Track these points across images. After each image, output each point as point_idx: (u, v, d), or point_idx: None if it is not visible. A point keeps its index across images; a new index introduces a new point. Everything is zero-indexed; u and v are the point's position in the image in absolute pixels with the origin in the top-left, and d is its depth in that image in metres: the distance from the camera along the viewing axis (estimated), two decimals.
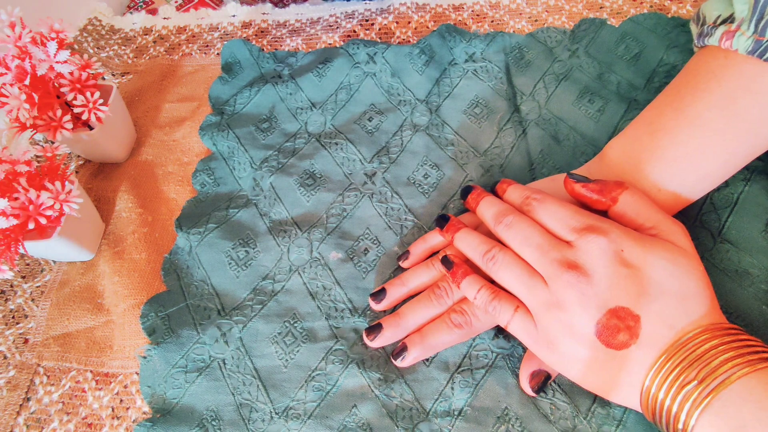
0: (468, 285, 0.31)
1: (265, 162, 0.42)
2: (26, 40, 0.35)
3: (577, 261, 0.27)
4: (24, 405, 0.35)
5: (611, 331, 0.25)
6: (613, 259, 0.26)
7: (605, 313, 0.25)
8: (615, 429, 0.29)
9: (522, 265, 0.29)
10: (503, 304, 0.29)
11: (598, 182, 0.31)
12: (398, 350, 0.32)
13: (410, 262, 0.36)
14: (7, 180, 0.33)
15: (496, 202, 0.33)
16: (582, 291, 0.26)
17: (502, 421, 0.30)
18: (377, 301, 0.34)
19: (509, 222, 0.30)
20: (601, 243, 0.26)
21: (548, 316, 0.27)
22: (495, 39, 0.47)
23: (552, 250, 0.28)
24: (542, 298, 0.27)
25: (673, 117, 0.32)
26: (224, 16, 0.55)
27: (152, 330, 0.35)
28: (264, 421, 0.31)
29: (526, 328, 0.28)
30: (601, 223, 0.28)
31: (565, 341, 0.26)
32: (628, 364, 0.25)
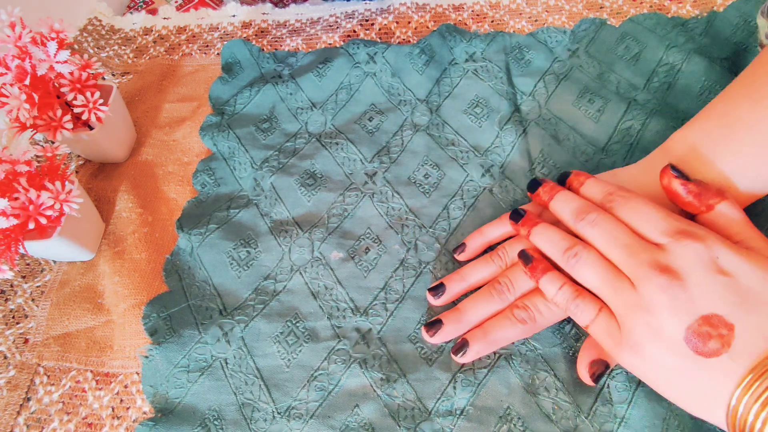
0: (549, 281, 0.30)
1: (265, 162, 0.42)
2: (26, 40, 0.35)
3: (670, 264, 0.25)
4: (24, 405, 0.35)
5: (702, 337, 0.24)
6: (708, 266, 0.25)
7: (697, 319, 0.24)
8: (617, 427, 0.29)
9: (607, 265, 0.28)
10: (587, 303, 0.28)
11: (699, 185, 0.29)
12: (459, 345, 0.31)
13: (466, 255, 0.35)
14: (7, 180, 0.33)
15: (575, 197, 0.31)
16: (674, 295, 0.25)
17: (504, 421, 0.30)
18: (436, 296, 0.34)
19: (593, 219, 0.29)
20: (696, 248, 0.25)
21: (635, 318, 0.26)
22: (495, 39, 0.47)
23: (642, 252, 0.26)
24: (629, 300, 0.26)
25: (749, 109, 0.31)
26: (224, 16, 0.55)
27: (154, 330, 0.35)
28: (266, 421, 0.31)
29: (610, 330, 0.27)
30: (696, 229, 0.27)
31: (652, 346, 0.25)
32: (717, 375, 0.24)
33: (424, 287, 0.35)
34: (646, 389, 0.30)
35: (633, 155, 0.39)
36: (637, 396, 0.30)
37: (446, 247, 0.37)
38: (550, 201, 0.32)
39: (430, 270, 0.36)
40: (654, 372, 0.26)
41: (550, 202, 0.32)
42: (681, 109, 0.41)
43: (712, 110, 0.33)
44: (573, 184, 0.33)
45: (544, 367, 0.31)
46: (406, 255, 0.37)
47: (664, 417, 0.29)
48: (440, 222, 0.38)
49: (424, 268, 0.36)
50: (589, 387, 0.30)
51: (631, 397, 0.30)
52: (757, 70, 0.32)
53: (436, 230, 0.38)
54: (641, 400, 0.29)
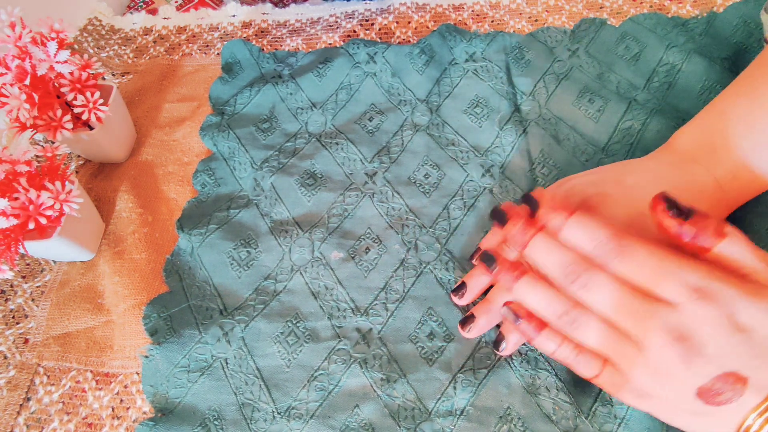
0: (546, 340, 0.27)
1: (265, 162, 0.42)
2: (26, 40, 0.35)
3: (686, 332, 0.23)
4: (24, 405, 0.35)
5: (715, 393, 0.23)
6: (726, 326, 0.23)
7: (712, 379, 0.23)
8: (617, 428, 0.29)
9: (608, 330, 0.25)
10: (590, 358, 0.26)
11: (697, 220, 0.25)
12: (496, 342, 0.31)
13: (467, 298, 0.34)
14: (7, 180, 0.33)
15: (557, 247, 0.26)
16: (691, 361, 0.23)
17: (505, 421, 0.30)
18: (459, 295, 0.33)
19: (586, 283, 0.25)
20: (713, 310, 0.23)
21: (644, 377, 0.24)
22: (495, 39, 0.47)
23: (651, 317, 0.24)
24: (637, 362, 0.24)
25: (747, 106, 0.31)
26: (224, 16, 0.55)
27: (154, 330, 0.35)
28: (266, 421, 0.31)
29: (616, 383, 0.26)
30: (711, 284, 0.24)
31: (662, 395, 0.24)
32: (727, 414, 0.23)
33: (425, 287, 0.35)
34: None
35: (633, 155, 0.39)
36: None
37: (446, 247, 0.37)
38: (526, 249, 0.27)
39: (430, 270, 0.36)
40: (662, 409, 0.25)
41: (526, 250, 0.27)
42: (681, 109, 0.41)
43: (714, 107, 0.33)
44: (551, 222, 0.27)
45: (545, 367, 0.31)
46: (406, 255, 0.37)
47: None
48: (440, 222, 0.38)
49: (424, 268, 0.36)
50: (589, 387, 0.30)
51: None
52: (755, 71, 0.33)
53: (436, 230, 0.38)
54: None
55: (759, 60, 0.33)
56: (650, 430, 0.29)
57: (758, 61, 0.33)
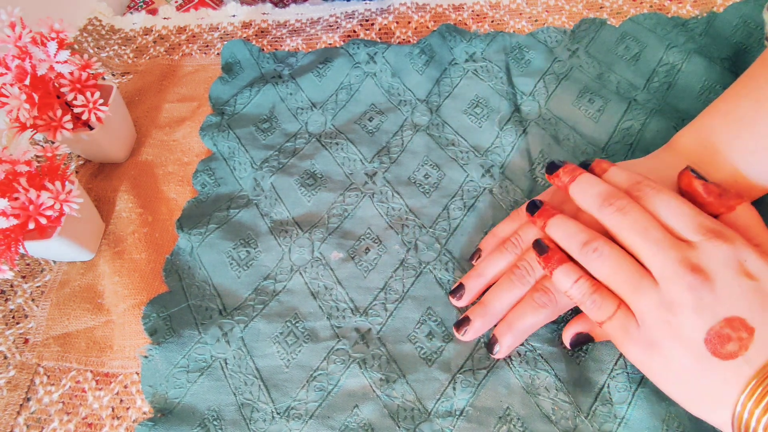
0: (564, 273, 0.28)
1: (265, 162, 0.42)
2: (26, 40, 0.35)
3: (700, 264, 0.25)
4: (24, 405, 0.35)
5: (722, 339, 0.24)
6: (737, 268, 0.25)
7: (720, 321, 0.24)
8: (617, 428, 0.29)
9: (630, 261, 0.27)
10: (605, 299, 0.27)
11: (719, 186, 0.28)
12: (491, 344, 0.31)
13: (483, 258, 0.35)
14: (7, 180, 0.33)
15: (599, 181, 0.29)
16: (701, 296, 0.24)
17: (504, 421, 0.30)
18: (457, 297, 0.34)
19: (623, 206, 0.27)
20: (726, 250, 0.25)
21: (655, 317, 0.25)
22: (495, 39, 0.47)
23: (672, 249, 0.26)
24: (652, 299, 0.26)
25: (752, 108, 0.31)
26: (224, 16, 0.55)
27: (154, 330, 0.35)
28: (265, 421, 0.31)
29: (627, 328, 0.27)
30: (726, 230, 0.26)
31: (669, 345, 0.25)
32: (727, 377, 0.24)
33: (424, 287, 0.35)
34: (646, 390, 0.30)
35: (633, 155, 0.39)
36: (637, 396, 0.30)
37: (446, 247, 0.37)
38: (571, 183, 0.30)
39: (430, 270, 0.36)
40: (664, 370, 0.26)
41: (571, 184, 0.30)
42: (681, 109, 0.41)
43: (716, 109, 0.33)
44: (595, 170, 0.31)
45: (544, 367, 0.31)
46: (406, 255, 0.37)
47: (664, 418, 0.29)
48: (440, 222, 0.38)
49: (424, 268, 0.36)
50: (588, 387, 0.30)
51: (631, 397, 0.30)
52: (758, 70, 0.32)
53: (436, 230, 0.38)
54: (641, 400, 0.29)
55: (761, 60, 0.33)
56: (650, 429, 0.29)
57: (760, 61, 0.33)
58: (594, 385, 0.31)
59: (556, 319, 0.32)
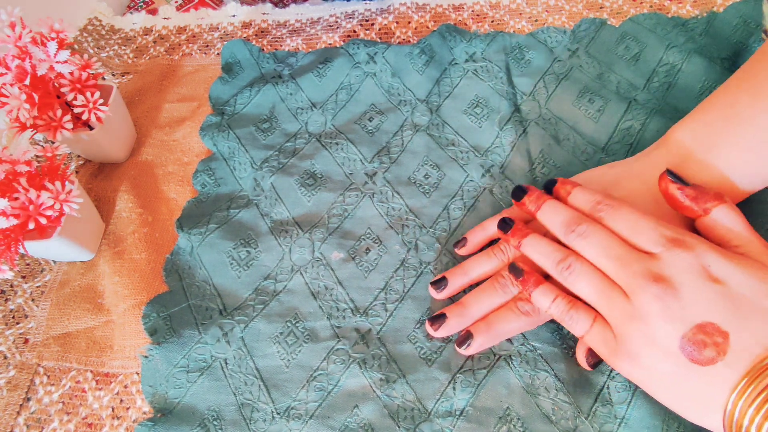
0: (542, 294, 0.30)
1: (265, 162, 0.42)
2: (26, 40, 0.35)
3: (662, 273, 0.25)
4: (24, 405, 0.35)
5: (697, 345, 0.24)
6: (700, 274, 0.25)
7: (692, 328, 0.24)
8: (617, 428, 0.29)
9: (600, 276, 0.28)
10: (581, 314, 0.28)
11: (695, 188, 0.29)
12: (463, 338, 0.32)
13: (468, 249, 0.35)
14: (7, 180, 0.33)
15: (563, 208, 0.31)
16: (667, 304, 0.25)
17: (504, 422, 0.30)
18: (438, 290, 0.34)
19: (583, 231, 0.29)
20: (687, 257, 0.25)
21: (630, 328, 0.26)
22: (495, 39, 0.47)
23: (634, 262, 0.26)
24: (624, 311, 0.26)
25: (750, 103, 0.31)
26: (224, 16, 0.55)
27: (154, 330, 0.35)
28: (265, 421, 0.31)
29: (605, 340, 0.27)
30: (686, 237, 0.27)
31: (647, 354, 0.25)
32: (714, 382, 0.24)
33: (425, 287, 0.35)
34: None
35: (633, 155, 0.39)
36: (637, 396, 0.30)
37: (447, 247, 0.37)
38: (537, 211, 0.32)
39: (430, 270, 0.36)
40: (650, 379, 0.26)
41: (537, 212, 0.32)
42: (681, 109, 0.40)
43: (712, 103, 0.33)
44: (560, 193, 0.32)
45: (544, 367, 0.31)
46: (406, 255, 0.37)
47: (664, 418, 0.29)
48: (440, 222, 0.38)
49: (424, 268, 0.36)
50: (589, 387, 0.30)
51: (631, 397, 0.30)
52: (757, 64, 0.32)
53: (436, 230, 0.38)
54: (641, 400, 0.29)
55: (759, 54, 0.33)
56: (650, 430, 0.29)
57: (758, 55, 0.33)
58: (594, 386, 0.30)
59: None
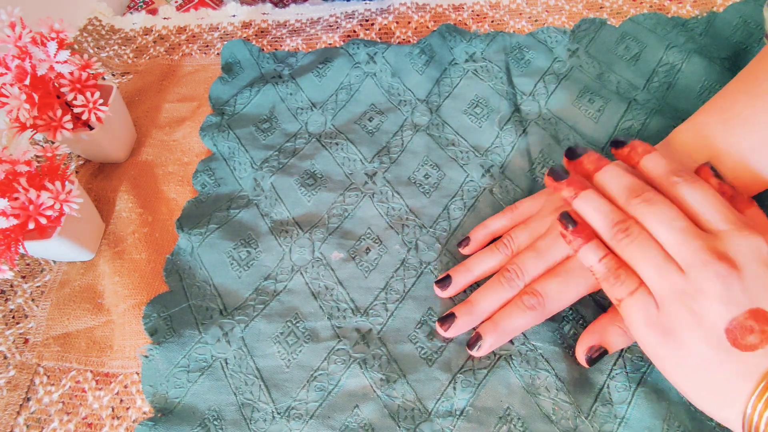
0: (591, 250, 0.28)
1: (265, 162, 0.42)
2: (26, 40, 0.35)
3: (728, 253, 0.25)
4: (24, 405, 0.35)
5: (743, 330, 0.23)
6: (764, 261, 0.25)
7: (744, 312, 0.24)
8: (617, 427, 0.29)
9: (657, 247, 0.27)
10: (628, 276, 0.27)
11: (733, 189, 0.29)
12: (473, 340, 0.31)
13: (471, 248, 0.35)
14: (7, 180, 0.33)
15: (628, 172, 0.29)
16: (729, 284, 0.24)
17: (504, 421, 0.30)
18: (443, 288, 0.34)
19: (649, 198, 0.27)
20: (756, 241, 0.25)
21: (677, 303, 0.25)
22: (495, 39, 0.47)
23: (699, 238, 0.26)
24: (676, 285, 0.25)
25: (749, 104, 0.31)
26: (224, 16, 0.55)
27: (154, 330, 0.35)
28: (266, 421, 0.31)
29: (647, 309, 0.26)
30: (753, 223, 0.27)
31: (688, 332, 0.25)
32: (744, 370, 0.23)
33: (425, 287, 0.35)
34: (646, 389, 0.30)
35: None
36: (637, 396, 0.30)
37: (447, 247, 0.37)
38: (597, 172, 0.30)
39: (431, 270, 0.36)
40: (677, 359, 0.25)
41: (597, 173, 0.30)
42: (681, 109, 0.41)
43: (713, 106, 0.33)
44: (637, 150, 0.30)
45: (545, 367, 0.31)
46: (406, 255, 0.37)
47: (664, 417, 0.29)
48: (441, 222, 0.38)
49: (425, 268, 0.36)
50: (589, 387, 0.30)
51: (631, 397, 0.30)
52: (757, 66, 0.32)
53: (436, 230, 0.38)
54: (641, 400, 0.29)
55: (760, 57, 0.33)
56: (650, 429, 0.29)
57: (759, 58, 0.33)
58: (594, 385, 0.31)
59: (557, 318, 0.32)
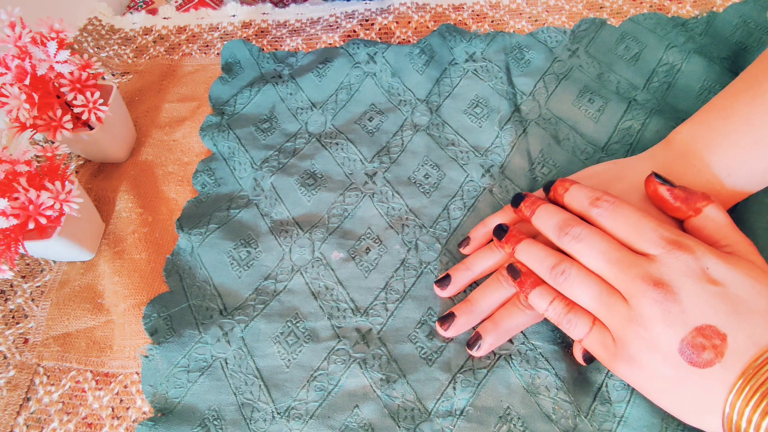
0: (539, 296, 0.29)
1: (265, 162, 0.42)
2: (26, 40, 0.35)
3: (662, 278, 0.25)
4: (24, 405, 0.35)
5: (696, 348, 0.24)
6: (699, 276, 0.25)
7: (691, 331, 0.24)
8: (616, 426, 0.29)
9: (597, 281, 0.27)
10: (579, 317, 0.28)
11: (684, 189, 0.29)
12: (473, 340, 0.32)
13: (471, 248, 0.35)
14: (7, 180, 0.33)
15: (556, 210, 0.30)
16: (668, 309, 0.25)
17: (504, 421, 0.30)
18: (443, 287, 0.34)
19: (577, 234, 0.28)
20: (687, 259, 0.25)
21: (629, 332, 0.26)
22: (495, 39, 0.47)
23: (632, 266, 0.26)
24: (623, 315, 0.26)
25: (748, 102, 0.31)
26: (224, 16, 0.55)
27: (154, 330, 0.35)
28: (266, 421, 0.31)
29: (604, 343, 0.27)
30: (684, 238, 0.26)
31: (647, 358, 0.25)
32: (711, 384, 0.24)
33: (425, 287, 0.35)
34: None
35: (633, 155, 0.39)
36: (636, 395, 0.30)
37: (447, 247, 0.37)
38: (532, 216, 0.31)
39: (431, 270, 0.36)
40: (649, 382, 0.26)
41: (532, 217, 0.31)
42: (681, 109, 0.41)
43: (714, 105, 0.33)
44: (557, 191, 0.32)
45: (545, 366, 0.31)
46: (406, 255, 0.37)
47: (663, 416, 0.29)
48: (441, 222, 0.38)
49: (425, 268, 0.36)
50: (588, 386, 0.31)
51: (630, 396, 0.30)
52: (758, 67, 0.33)
53: (436, 230, 0.38)
54: (640, 399, 0.29)
55: (762, 57, 0.33)
56: (649, 428, 0.29)
57: (760, 58, 0.33)
58: (592, 384, 0.31)
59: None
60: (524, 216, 0.32)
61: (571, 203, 0.31)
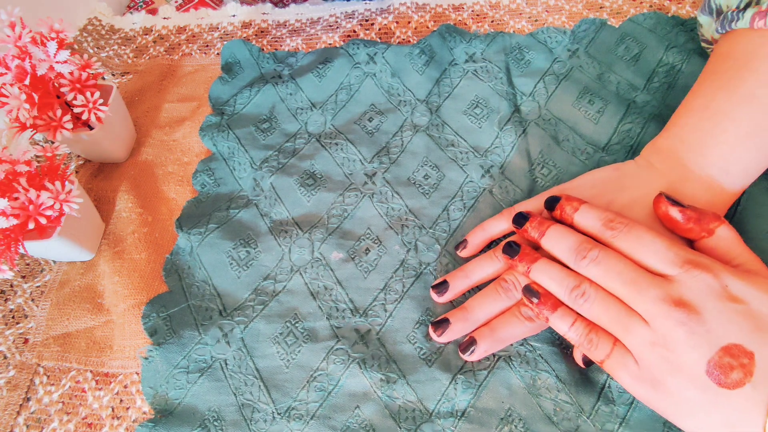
0: (560, 318, 0.29)
1: (265, 162, 0.42)
2: (26, 40, 0.35)
3: (682, 297, 0.25)
4: (24, 405, 0.35)
5: (724, 369, 0.23)
6: (721, 295, 0.25)
7: (717, 351, 0.24)
8: (618, 427, 0.29)
9: (616, 303, 0.27)
10: (601, 339, 0.28)
11: (695, 210, 0.29)
12: (466, 344, 0.31)
13: (468, 251, 0.35)
14: (7, 180, 0.33)
15: (568, 232, 0.30)
16: (692, 330, 0.24)
17: (505, 422, 0.30)
18: (440, 293, 0.34)
19: (595, 257, 0.28)
20: (707, 278, 0.25)
21: (653, 355, 0.25)
22: (495, 39, 0.47)
23: (651, 287, 0.26)
24: (645, 337, 0.25)
25: (726, 98, 0.31)
26: (224, 16, 0.55)
27: (154, 330, 0.35)
28: (266, 422, 0.31)
29: (627, 366, 0.26)
30: (702, 258, 0.26)
31: (672, 381, 0.25)
32: (743, 405, 0.23)
33: (424, 288, 0.35)
34: None
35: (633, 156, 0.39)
36: None
37: (446, 248, 0.37)
38: (542, 238, 0.31)
39: (430, 271, 0.36)
40: (675, 406, 0.25)
41: (542, 239, 0.31)
42: None
43: (692, 108, 0.33)
44: (565, 210, 0.31)
45: (545, 367, 0.31)
46: (406, 256, 0.37)
47: (665, 420, 0.29)
48: (440, 223, 0.38)
49: (424, 269, 0.36)
50: (590, 386, 0.30)
51: (632, 397, 0.30)
52: (718, 66, 0.33)
53: (436, 231, 0.38)
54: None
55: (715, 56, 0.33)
56: (651, 429, 0.29)
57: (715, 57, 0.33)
58: (595, 385, 0.31)
59: None
60: (531, 237, 0.31)
61: (582, 224, 0.30)
